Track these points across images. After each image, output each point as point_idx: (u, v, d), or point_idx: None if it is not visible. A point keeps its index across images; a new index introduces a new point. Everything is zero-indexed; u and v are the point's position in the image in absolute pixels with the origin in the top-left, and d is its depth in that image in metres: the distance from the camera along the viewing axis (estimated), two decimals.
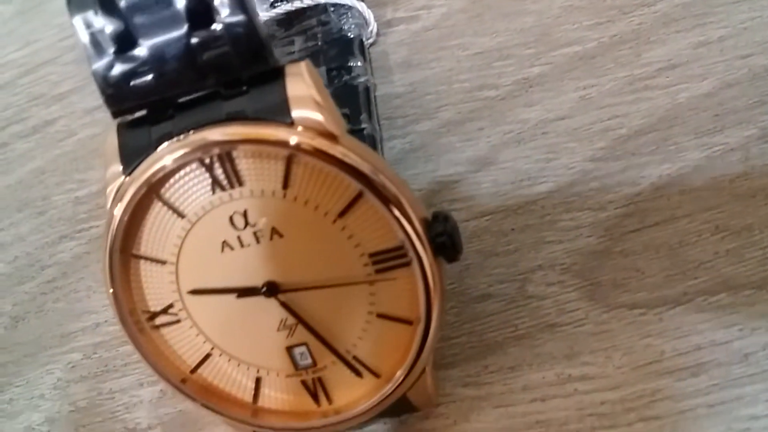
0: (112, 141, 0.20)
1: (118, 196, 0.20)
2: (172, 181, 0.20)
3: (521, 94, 0.28)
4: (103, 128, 0.34)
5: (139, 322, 0.22)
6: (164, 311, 0.22)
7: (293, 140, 0.19)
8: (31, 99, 0.37)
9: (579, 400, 0.22)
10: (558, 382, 0.23)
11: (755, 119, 0.25)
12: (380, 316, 0.21)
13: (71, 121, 0.36)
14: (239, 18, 0.19)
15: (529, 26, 0.29)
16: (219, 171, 0.20)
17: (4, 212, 0.35)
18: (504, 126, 0.27)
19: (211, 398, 0.23)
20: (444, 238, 0.20)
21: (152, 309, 0.22)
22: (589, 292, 0.24)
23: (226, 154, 0.20)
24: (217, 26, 0.19)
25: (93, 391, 0.30)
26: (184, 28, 0.19)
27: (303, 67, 0.19)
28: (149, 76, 0.19)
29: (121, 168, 0.20)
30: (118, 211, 0.20)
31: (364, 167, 0.19)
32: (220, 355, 0.22)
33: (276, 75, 0.19)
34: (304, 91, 0.19)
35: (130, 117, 0.20)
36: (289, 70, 0.19)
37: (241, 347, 0.22)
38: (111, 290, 0.21)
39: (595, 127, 0.26)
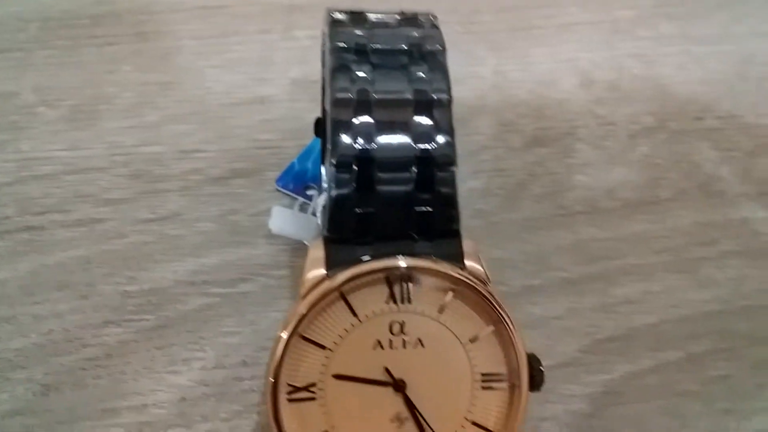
0: (318, 250, 0.27)
1: (313, 289, 0.27)
2: (359, 288, 0.27)
3: (524, 294, 0.38)
4: (155, 238, 0.39)
5: (281, 394, 0.27)
6: (306, 388, 0.27)
7: (464, 277, 0.27)
8: (78, 196, 0.41)
9: None
10: None
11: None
12: (473, 423, 0.28)
13: (121, 225, 0.40)
14: (448, 191, 0.27)
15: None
16: (397, 289, 0.27)
17: (39, 288, 0.37)
18: None
19: None
20: (541, 373, 0.28)
21: (297, 384, 0.27)
22: None
23: (407, 278, 0.27)
24: (432, 192, 0.27)
25: None
26: (411, 187, 0.27)
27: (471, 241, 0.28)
28: (372, 217, 0.27)
29: (324, 272, 0.27)
30: (310, 299, 0.27)
31: (503, 309, 0.28)
32: None
33: (454, 234, 0.28)
34: (473, 250, 0.28)
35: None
36: (463, 234, 0.28)
37: (354, 430, 0.28)
38: (277, 362, 0.26)
39: (581, 330, 0.37)
